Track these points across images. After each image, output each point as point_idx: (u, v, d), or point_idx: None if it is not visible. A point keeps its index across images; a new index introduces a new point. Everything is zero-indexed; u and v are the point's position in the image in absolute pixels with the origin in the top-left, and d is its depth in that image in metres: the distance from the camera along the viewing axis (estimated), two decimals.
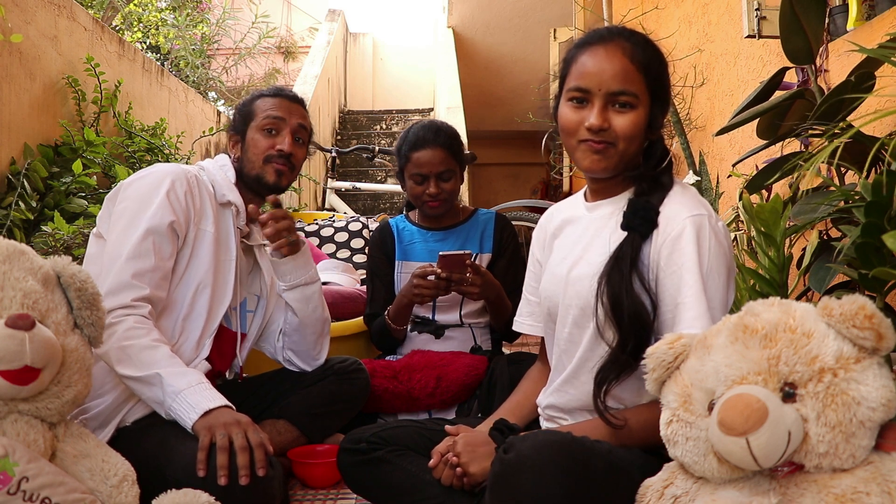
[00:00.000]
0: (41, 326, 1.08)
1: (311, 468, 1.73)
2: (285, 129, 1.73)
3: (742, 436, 0.86)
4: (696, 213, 1.18)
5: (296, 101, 1.79)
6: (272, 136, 1.72)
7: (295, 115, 1.75)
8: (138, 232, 1.49)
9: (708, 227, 1.17)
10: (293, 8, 8.59)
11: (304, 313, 1.76)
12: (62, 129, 2.75)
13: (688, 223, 1.16)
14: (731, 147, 2.83)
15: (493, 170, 9.23)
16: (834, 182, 1.72)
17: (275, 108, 1.74)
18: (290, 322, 1.78)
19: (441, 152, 2.03)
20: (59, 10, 2.83)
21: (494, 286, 1.96)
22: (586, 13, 4.56)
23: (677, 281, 1.15)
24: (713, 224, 1.18)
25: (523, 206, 3.54)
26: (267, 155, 1.70)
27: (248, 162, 1.72)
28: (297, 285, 1.73)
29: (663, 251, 1.18)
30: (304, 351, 1.79)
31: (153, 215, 1.51)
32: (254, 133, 1.73)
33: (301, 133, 1.76)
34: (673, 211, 1.20)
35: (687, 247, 1.15)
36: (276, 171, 1.71)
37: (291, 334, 1.79)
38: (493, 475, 1.07)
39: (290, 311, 1.77)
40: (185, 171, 1.62)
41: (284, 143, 1.71)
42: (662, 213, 1.20)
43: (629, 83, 1.18)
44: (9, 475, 1.00)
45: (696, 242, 1.15)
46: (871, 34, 1.85)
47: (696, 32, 3.24)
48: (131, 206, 1.54)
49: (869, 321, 0.88)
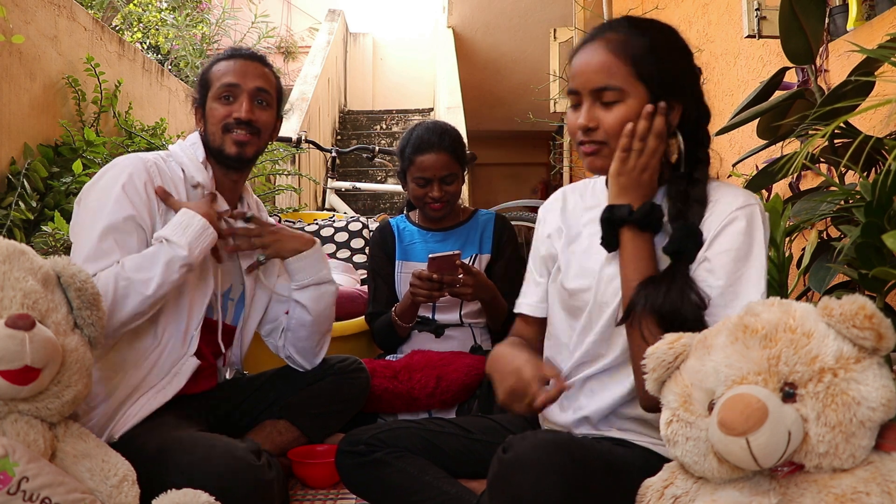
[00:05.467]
0: (41, 326, 1.08)
1: (311, 468, 1.73)
2: (242, 95, 1.61)
3: (742, 436, 0.86)
4: (747, 204, 1.15)
5: (253, 60, 1.66)
6: (229, 103, 1.61)
7: (251, 76, 1.62)
8: (96, 233, 1.45)
9: (759, 216, 1.14)
10: (293, 8, 8.59)
11: (316, 312, 1.72)
12: (62, 129, 2.75)
13: (740, 214, 1.14)
14: (731, 147, 2.83)
15: (493, 170, 9.22)
16: (834, 182, 1.72)
17: (229, 72, 1.61)
18: (299, 319, 1.73)
19: (445, 156, 2.03)
20: (59, 10, 2.83)
21: (488, 287, 1.96)
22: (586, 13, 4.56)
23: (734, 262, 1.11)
24: (763, 213, 1.16)
25: (523, 206, 3.54)
26: (224, 124, 1.60)
27: (210, 135, 1.62)
28: (309, 285, 1.70)
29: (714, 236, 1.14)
30: (307, 348, 1.77)
31: (110, 213, 1.46)
32: (211, 102, 1.62)
33: (262, 95, 1.63)
34: (724, 201, 1.16)
35: (743, 234, 1.12)
36: (236, 141, 1.60)
37: (298, 330, 1.74)
38: (492, 475, 1.06)
39: (302, 309, 1.72)
40: (145, 160, 1.55)
41: (241, 109, 1.59)
42: (710, 201, 1.17)
43: (611, 77, 1.14)
44: (9, 475, 1.00)
45: (751, 230, 1.13)
46: (871, 34, 1.85)
47: (696, 32, 3.24)
48: (91, 206, 1.50)
49: (869, 321, 0.88)
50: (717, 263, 1.12)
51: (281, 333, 1.79)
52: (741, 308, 1.03)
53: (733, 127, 1.86)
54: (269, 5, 6.78)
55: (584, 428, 1.25)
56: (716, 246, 1.13)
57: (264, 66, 1.68)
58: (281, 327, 1.79)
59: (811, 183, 2.18)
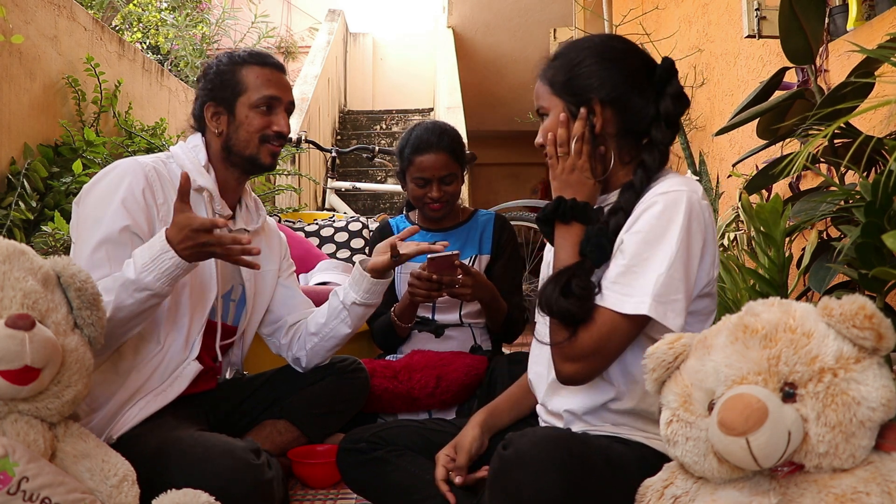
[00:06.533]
0: (41, 326, 1.08)
1: (311, 468, 1.73)
2: (280, 108, 1.64)
3: (742, 436, 0.86)
4: (672, 190, 1.16)
5: (283, 71, 1.69)
6: (269, 114, 1.62)
7: (288, 90, 1.67)
8: (91, 242, 1.44)
9: (684, 202, 1.14)
10: (293, 8, 8.59)
11: (355, 328, 1.74)
12: (62, 129, 2.75)
13: (660, 198, 1.15)
14: (731, 147, 2.83)
15: (492, 170, 9.23)
16: (834, 182, 1.72)
17: (269, 84, 1.62)
18: (336, 330, 1.72)
19: (444, 156, 2.03)
20: (59, 10, 2.83)
21: (487, 287, 1.96)
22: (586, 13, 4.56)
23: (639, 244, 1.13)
24: (693, 200, 1.15)
25: (523, 206, 3.54)
26: (263, 135, 1.61)
27: (239, 140, 1.62)
28: (369, 304, 1.72)
29: (631, 222, 1.17)
30: (321, 355, 1.78)
31: (107, 223, 1.46)
32: (246, 110, 1.61)
33: (291, 108, 1.68)
34: (654, 190, 1.18)
35: (656, 217, 1.14)
36: (272, 153, 1.64)
37: (328, 341, 1.73)
38: (492, 471, 1.07)
39: (343, 324, 1.71)
40: (143, 166, 1.54)
41: (282, 123, 1.63)
42: (644, 194, 1.19)
43: (539, 99, 1.31)
44: (9, 475, 1.00)
45: (665, 214, 1.14)
46: (871, 34, 1.86)
47: (696, 32, 3.24)
48: (89, 213, 1.49)
49: (869, 321, 0.88)
50: (626, 244, 1.15)
51: (285, 332, 1.78)
52: (634, 286, 1.10)
53: (733, 127, 1.86)
54: (269, 5, 6.78)
55: (577, 424, 1.25)
56: (632, 229, 1.16)
57: (286, 76, 1.71)
58: (284, 327, 1.78)
59: (811, 183, 2.18)
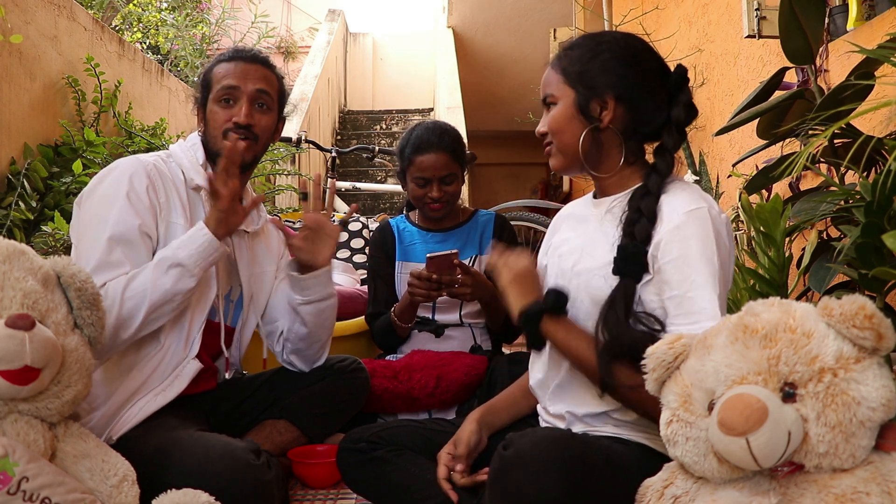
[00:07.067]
0: (41, 326, 1.08)
1: (311, 468, 1.73)
2: (242, 98, 1.60)
3: (742, 436, 0.86)
4: (693, 208, 1.17)
5: (254, 62, 1.64)
6: (229, 106, 1.60)
7: (252, 79, 1.61)
8: (102, 242, 1.44)
9: (709, 218, 1.16)
10: (293, 8, 8.59)
11: (314, 326, 1.70)
12: (62, 129, 2.75)
13: (687, 217, 1.16)
14: (731, 147, 2.83)
15: (492, 170, 9.23)
16: (834, 182, 1.72)
17: (229, 74, 1.60)
18: (297, 332, 1.71)
19: (444, 156, 2.02)
20: (59, 10, 2.83)
21: (487, 286, 1.95)
22: (586, 13, 4.56)
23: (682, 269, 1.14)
24: (714, 215, 1.17)
25: (523, 206, 3.54)
26: (224, 129, 1.59)
27: (210, 137, 1.62)
28: (313, 301, 1.68)
29: (662, 245, 1.17)
30: (307, 356, 1.76)
31: (115, 223, 1.45)
32: (212, 105, 1.61)
33: (262, 98, 1.62)
34: (671, 206, 1.19)
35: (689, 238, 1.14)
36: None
37: (297, 342, 1.73)
38: (493, 471, 1.08)
39: (299, 322, 1.70)
40: (145, 164, 1.54)
41: (240, 113, 1.58)
42: (662, 208, 1.19)
43: (547, 87, 1.32)
44: (9, 475, 1.00)
45: (697, 234, 1.15)
46: (871, 34, 1.86)
47: (696, 32, 3.24)
48: (95, 212, 1.49)
49: (869, 321, 0.88)
50: (667, 274, 1.15)
51: (278, 339, 1.77)
52: (696, 312, 1.10)
53: (733, 127, 1.86)
54: (269, 5, 6.78)
55: (578, 425, 1.25)
56: (664, 255, 1.16)
57: (266, 68, 1.66)
58: (278, 332, 1.77)
59: (811, 183, 2.18)
